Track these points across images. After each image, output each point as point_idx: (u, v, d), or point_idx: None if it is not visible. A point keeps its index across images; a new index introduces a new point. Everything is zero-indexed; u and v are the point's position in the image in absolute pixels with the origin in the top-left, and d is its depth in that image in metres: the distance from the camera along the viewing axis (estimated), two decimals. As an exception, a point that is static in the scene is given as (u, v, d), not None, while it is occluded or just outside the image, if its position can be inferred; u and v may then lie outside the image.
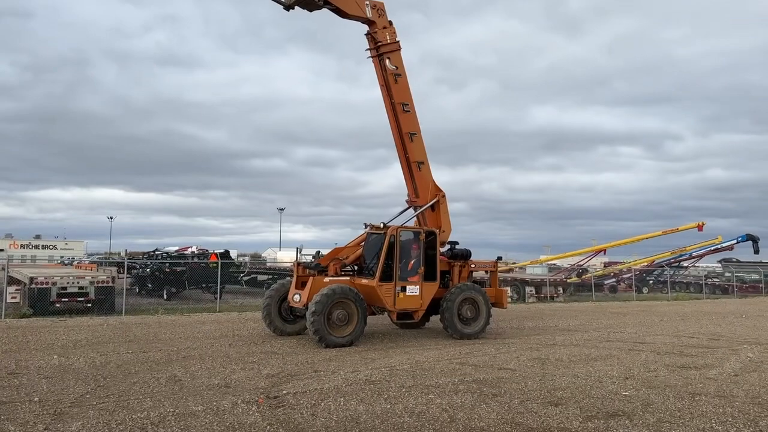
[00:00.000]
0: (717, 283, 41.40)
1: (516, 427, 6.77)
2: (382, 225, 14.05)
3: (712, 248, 38.35)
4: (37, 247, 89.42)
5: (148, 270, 28.10)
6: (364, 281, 13.41)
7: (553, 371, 10.22)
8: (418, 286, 13.58)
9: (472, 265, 15.34)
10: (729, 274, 41.30)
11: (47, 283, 18.70)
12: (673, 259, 39.03)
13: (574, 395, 8.46)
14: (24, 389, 8.17)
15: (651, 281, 39.63)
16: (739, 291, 37.94)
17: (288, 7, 13.92)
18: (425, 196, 15.10)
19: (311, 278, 13.36)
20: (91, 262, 36.46)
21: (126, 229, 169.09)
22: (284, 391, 8.32)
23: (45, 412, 7.00)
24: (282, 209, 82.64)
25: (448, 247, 15.16)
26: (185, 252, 33.91)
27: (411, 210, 15.46)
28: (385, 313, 13.99)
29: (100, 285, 19.65)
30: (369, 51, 14.94)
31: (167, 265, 27.32)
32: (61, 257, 61.65)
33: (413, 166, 15.00)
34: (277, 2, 13.90)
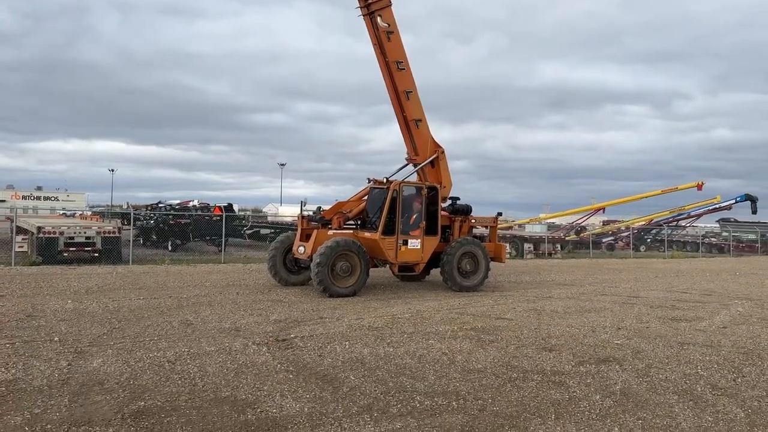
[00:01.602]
0: (714, 242, 41.91)
1: (511, 370, 7.18)
2: (385, 180, 14.26)
3: (711, 208, 38.62)
4: (38, 198, 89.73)
5: (152, 222, 28.46)
6: (366, 234, 13.72)
7: (548, 321, 10.64)
8: (419, 240, 13.90)
9: (473, 221, 15.64)
10: (726, 234, 41.74)
11: (55, 233, 19.06)
12: (671, 218, 39.38)
13: (567, 343, 8.86)
14: (44, 330, 8.57)
15: (649, 240, 40.10)
16: (735, 250, 38.46)
17: None
18: (424, 153, 15.18)
19: (315, 231, 13.69)
20: (94, 214, 36.84)
21: (127, 182, 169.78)
22: (292, 335, 8.73)
23: (66, 350, 7.40)
24: (283, 165, 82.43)
25: (449, 202, 15.40)
26: (187, 205, 34.23)
27: (410, 167, 15.60)
28: (387, 265, 14.36)
29: (106, 235, 20.03)
30: (360, 9, 14.54)
31: (171, 217, 27.67)
32: (63, 209, 62.05)
33: (411, 124, 14.98)
34: None
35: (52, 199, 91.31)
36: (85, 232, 19.85)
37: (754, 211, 38.28)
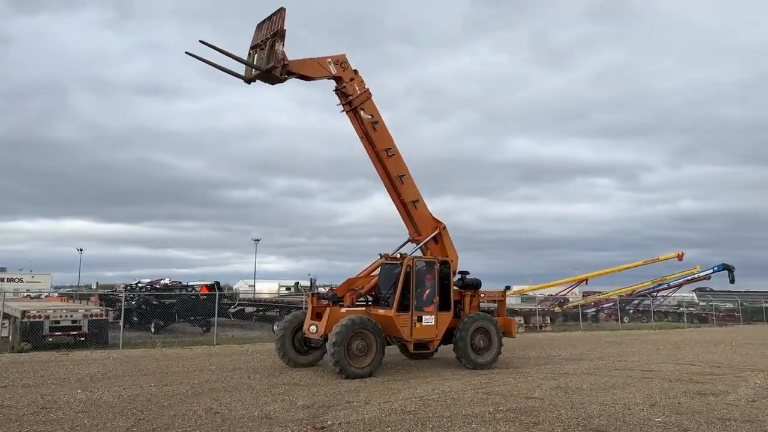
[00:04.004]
0: (694, 312, 42.38)
1: (573, 454, 6.91)
2: (398, 256, 14.19)
3: (690, 278, 39.20)
4: (2, 280, 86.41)
5: (134, 303, 27.51)
6: (381, 311, 13.48)
7: (579, 399, 10.40)
8: (433, 316, 13.70)
9: (482, 295, 15.54)
10: (704, 303, 42.28)
11: (40, 317, 18.23)
12: (652, 288, 39.84)
13: (610, 422, 8.65)
14: (66, 424, 8.01)
15: (631, 311, 40.34)
16: (717, 319, 38.87)
17: (249, 81, 13.50)
18: (426, 231, 15.19)
19: (328, 309, 13.39)
20: (60, 295, 35.46)
21: (93, 261, 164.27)
22: (328, 422, 8.33)
23: (98, 446, 6.89)
24: (257, 240, 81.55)
25: (458, 276, 15.33)
26: (158, 284, 33.27)
27: (411, 243, 15.44)
28: (398, 343, 14.02)
29: (93, 318, 19.26)
30: (341, 106, 14.65)
31: (155, 297, 26.81)
32: (27, 290, 59.71)
33: (409, 206, 15.03)
34: (237, 76, 13.56)
35: (16, 280, 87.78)
36: (71, 315, 19.03)
37: (732, 281, 38.99)
